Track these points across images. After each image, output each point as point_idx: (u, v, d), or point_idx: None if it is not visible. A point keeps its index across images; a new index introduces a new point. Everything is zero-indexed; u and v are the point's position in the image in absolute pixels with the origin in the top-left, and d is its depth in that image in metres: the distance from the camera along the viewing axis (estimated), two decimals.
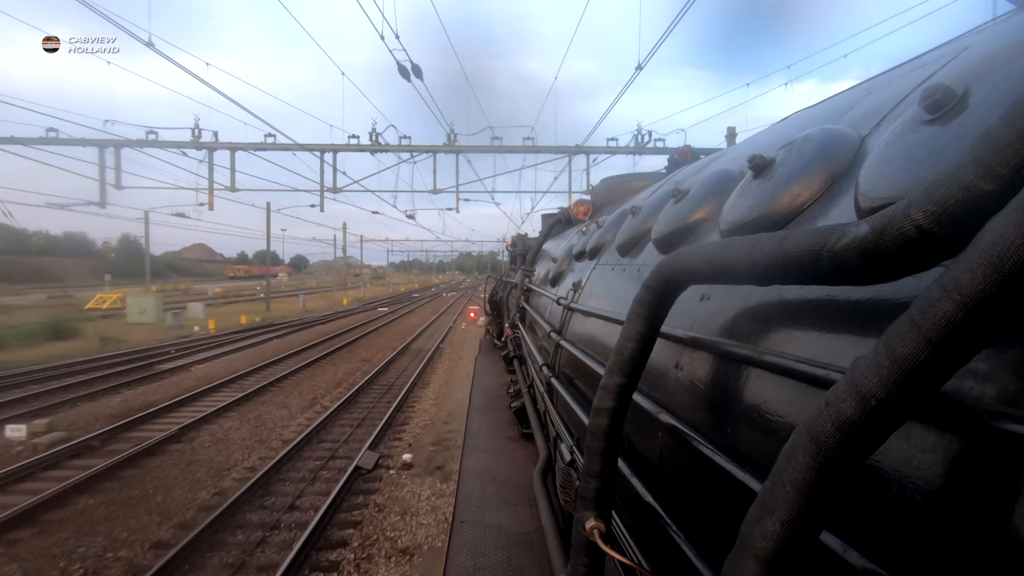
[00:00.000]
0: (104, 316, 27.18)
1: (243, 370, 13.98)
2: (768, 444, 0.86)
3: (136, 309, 25.92)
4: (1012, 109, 0.45)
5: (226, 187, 18.65)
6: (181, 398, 11.12)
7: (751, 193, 1.21)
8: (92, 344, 18.62)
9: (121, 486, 7.08)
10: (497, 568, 2.52)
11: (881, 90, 1.25)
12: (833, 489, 0.52)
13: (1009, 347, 0.53)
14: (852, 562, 0.63)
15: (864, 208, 0.81)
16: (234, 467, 7.91)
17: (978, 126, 0.65)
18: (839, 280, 0.62)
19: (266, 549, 5.59)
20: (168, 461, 8.02)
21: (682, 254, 0.94)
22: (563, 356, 2.73)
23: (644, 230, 2.07)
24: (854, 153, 1.03)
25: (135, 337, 20.50)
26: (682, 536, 1.08)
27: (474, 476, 3.67)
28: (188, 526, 5.94)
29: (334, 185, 18.83)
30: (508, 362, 6.78)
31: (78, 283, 44.00)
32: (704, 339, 1.15)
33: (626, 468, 1.42)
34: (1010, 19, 1.05)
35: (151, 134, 16.77)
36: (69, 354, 16.29)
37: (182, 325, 24.25)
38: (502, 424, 4.95)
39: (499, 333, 9.26)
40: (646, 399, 1.37)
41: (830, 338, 0.80)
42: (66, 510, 6.35)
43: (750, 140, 2.18)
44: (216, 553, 5.47)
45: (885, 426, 0.49)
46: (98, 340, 19.12)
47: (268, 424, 9.91)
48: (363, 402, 11.50)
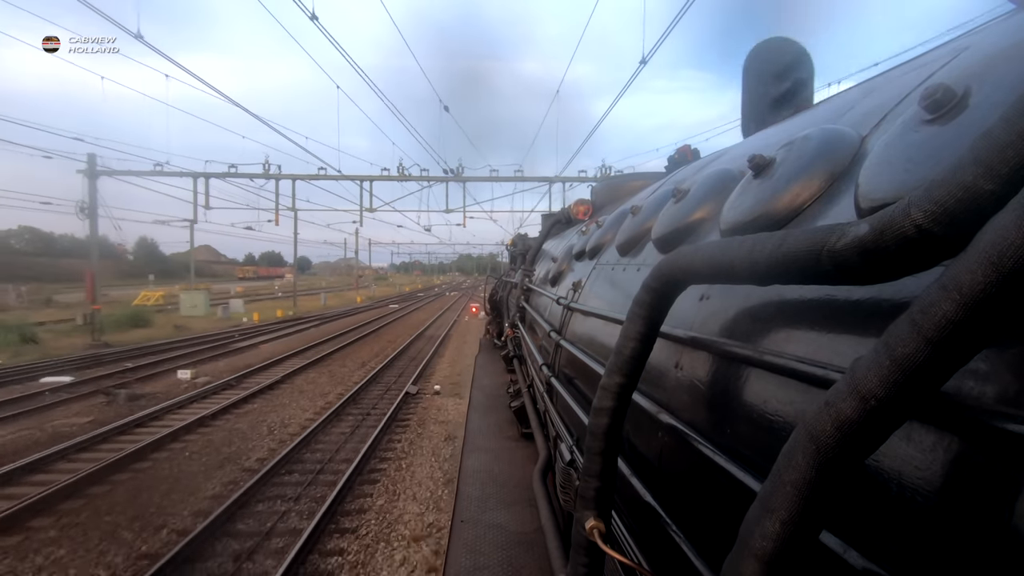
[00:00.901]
0: (158, 310, 31.27)
1: (299, 348, 18.15)
2: (768, 444, 0.86)
3: (189, 304, 30.64)
4: (1012, 109, 0.45)
5: (287, 208, 23.69)
6: (267, 362, 15.33)
7: (751, 193, 1.21)
8: (167, 331, 22.94)
9: (262, 404, 11.34)
10: (497, 568, 2.52)
11: (881, 90, 1.25)
12: (833, 489, 0.52)
13: (1009, 347, 0.53)
14: (852, 562, 0.63)
15: (864, 208, 0.81)
16: (328, 394, 12.25)
17: (978, 126, 0.65)
18: (839, 280, 0.62)
19: (364, 426, 9.88)
20: (284, 392, 12.47)
21: (682, 254, 0.94)
22: (563, 356, 2.73)
23: (644, 230, 2.07)
24: (854, 153, 1.03)
25: (198, 326, 24.88)
26: (682, 536, 1.08)
27: (474, 476, 3.67)
28: (316, 418, 10.14)
29: (371, 206, 23.44)
30: (508, 362, 6.78)
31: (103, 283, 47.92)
32: (704, 339, 1.15)
33: (626, 468, 1.42)
34: (1010, 19, 1.05)
35: (232, 167, 21.98)
36: (155, 337, 20.69)
37: (230, 317, 29.16)
38: (502, 424, 4.95)
39: (499, 333, 9.27)
40: (646, 399, 1.37)
41: (830, 338, 0.80)
42: (239, 411, 10.78)
43: (750, 140, 2.18)
44: (338, 426, 9.99)
45: (885, 426, 0.49)
46: (172, 327, 23.79)
47: (338, 376, 14.31)
48: (398, 365, 15.93)
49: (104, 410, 10.62)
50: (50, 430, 9.27)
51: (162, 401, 10.96)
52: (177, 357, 16.17)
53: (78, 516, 6.29)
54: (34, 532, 5.93)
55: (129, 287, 45.99)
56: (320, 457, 8.24)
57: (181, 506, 6.58)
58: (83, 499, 6.69)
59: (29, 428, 9.35)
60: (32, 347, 18.02)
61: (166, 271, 73.40)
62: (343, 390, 12.39)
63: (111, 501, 6.69)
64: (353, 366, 15.62)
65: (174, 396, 11.33)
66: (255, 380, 13.22)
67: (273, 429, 9.66)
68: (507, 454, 4.12)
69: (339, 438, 9.17)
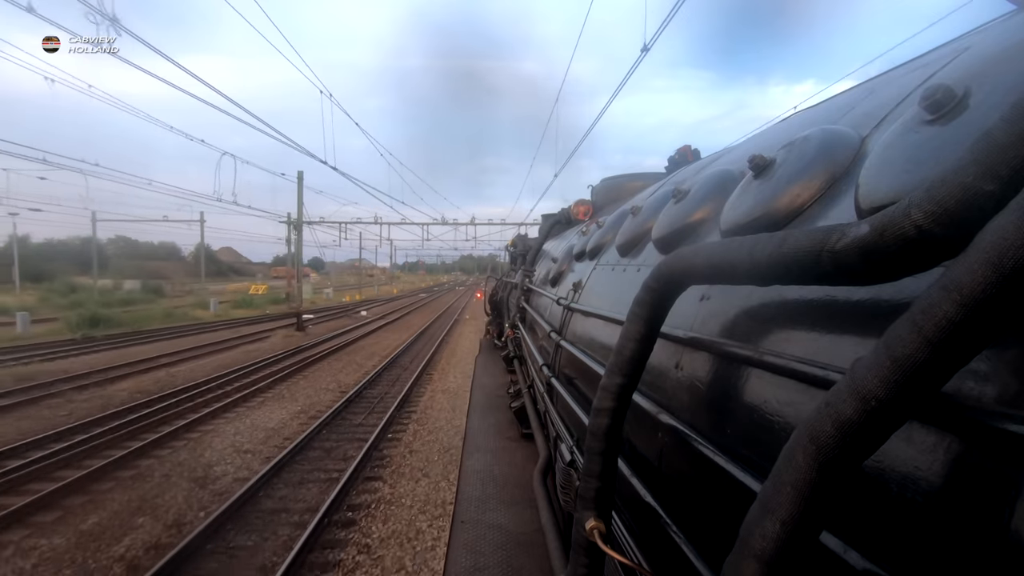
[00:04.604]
0: None
1: (384, 314, 32.84)
2: (768, 444, 0.86)
3: (305, 291, 43.12)
4: (1012, 110, 0.45)
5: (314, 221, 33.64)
6: (383, 317, 30.67)
7: (751, 193, 1.21)
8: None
9: (397, 325, 27.18)
10: (497, 568, 2.52)
11: (881, 90, 1.25)
12: (833, 489, 0.52)
13: (1009, 347, 0.53)
14: (852, 562, 0.63)
15: (864, 208, 0.81)
16: (416, 327, 25.95)
17: (978, 126, 0.65)
18: (839, 280, 0.62)
19: (420, 356, 16.99)
20: (397, 325, 27.55)
21: (682, 254, 0.94)
22: (563, 356, 2.73)
23: (644, 230, 2.07)
24: (854, 153, 1.03)
25: (320, 302, 42.18)
26: (682, 536, 1.08)
27: (474, 476, 3.67)
28: (407, 338, 21.18)
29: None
30: (508, 362, 6.77)
31: (180, 281, 58.93)
32: (704, 339, 1.15)
33: (626, 468, 1.42)
34: (1010, 19, 1.05)
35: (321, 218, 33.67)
36: (295, 311, 29.56)
37: (330, 299, 46.49)
38: (502, 424, 4.95)
39: (499, 333, 9.25)
40: (646, 399, 1.37)
41: (830, 338, 0.80)
42: (380, 332, 24.48)
43: (750, 140, 2.18)
44: (424, 336, 22.77)
45: (885, 426, 0.49)
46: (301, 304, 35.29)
47: (414, 323, 28.38)
48: (447, 313, 34.84)
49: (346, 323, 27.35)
50: None
51: (350, 327, 25.23)
52: (336, 315, 32.13)
53: (327, 365, 15.80)
54: (310, 366, 15.38)
55: (194, 283, 55.95)
56: (419, 349, 19.07)
57: (369, 362, 16.12)
58: (327, 360, 16.64)
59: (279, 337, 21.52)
60: (249, 307, 34.86)
61: (216, 271, 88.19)
62: (420, 328, 25.17)
63: (346, 361, 16.41)
64: (417, 324, 27.71)
65: (358, 323, 27.27)
66: (393, 319, 29.72)
67: (398, 340, 20.67)
68: (507, 454, 4.12)
69: (429, 340, 21.21)
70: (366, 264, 72.41)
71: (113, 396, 11.21)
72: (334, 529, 5.96)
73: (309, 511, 6.23)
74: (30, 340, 18.30)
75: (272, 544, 5.55)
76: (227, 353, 17.27)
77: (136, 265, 63.60)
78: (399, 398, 11.26)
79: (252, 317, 29.61)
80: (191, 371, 13.97)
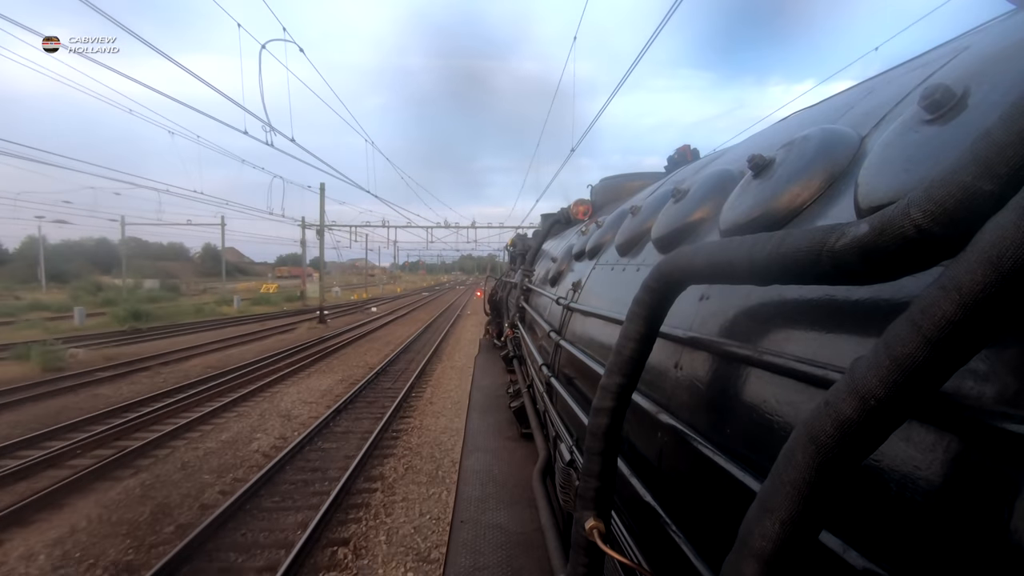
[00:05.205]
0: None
1: (392, 311, 34.72)
2: (768, 444, 0.86)
3: (311, 290, 44.57)
4: (1011, 109, 0.45)
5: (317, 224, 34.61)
6: (392, 313, 33.56)
7: (751, 193, 1.21)
8: (314, 301, 36.40)
9: (406, 319, 30.47)
10: (496, 568, 2.52)
11: (881, 90, 1.25)
12: (833, 489, 0.52)
13: (1008, 347, 0.53)
14: (852, 562, 0.63)
15: (864, 208, 0.81)
16: (423, 321, 28.96)
17: (978, 126, 0.65)
18: (839, 280, 0.62)
19: (430, 343, 19.75)
20: (408, 317, 31.91)
21: (682, 254, 0.94)
22: (563, 356, 2.73)
23: (644, 230, 2.07)
24: (854, 153, 1.03)
25: (330, 300, 41.40)
26: (682, 536, 1.08)
27: (474, 476, 3.67)
28: (416, 330, 24.28)
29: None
30: (508, 362, 6.77)
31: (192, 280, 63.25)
32: (704, 339, 1.15)
33: (626, 468, 1.42)
34: (1010, 19, 1.05)
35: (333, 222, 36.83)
36: (308, 307, 34.02)
37: (339, 297, 48.31)
38: (502, 424, 4.95)
39: (499, 333, 9.25)
40: (646, 399, 1.37)
41: (830, 338, 0.80)
42: (399, 320, 30.11)
43: (750, 140, 2.18)
44: (431, 329, 25.25)
45: (885, 426, 0.49)
46: (313, 301, 37.67)
47: (421, 317, 31.50)
48: (450, 310, 37.01)
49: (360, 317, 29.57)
50: None
51: (364, 320, 27.56)
52: (348, 311, 34.89)
53: (352, 350, 18.73)
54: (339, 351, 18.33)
55: (205, 283, 60.46)
56: (428, 337, 21.26)
57: (387, 348, 18.60)
58: (351, 346, 19.42)
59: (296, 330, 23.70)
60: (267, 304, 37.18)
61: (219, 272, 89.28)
62: (429, 320, 28.71)
63: (367, 347, 19.10)
64: (423, 318, 30.64)
65: (370, 317, 29.72)
66: (401, 314, 32.09)
67: (409, 331, 23.02)
68: (507, 454, 4.12)
69: (436, 331, 23.47)
70: (368, 264, 73.47)
71: (189, 371, 14.03)
72: (387, 439, 9.14)
73: (366, 433, 9.27)
74: (90, 331, 21.15)
75: (348, 446, 8.72)
76: (264, 341, 20.41)
77: (149, 265, 66.18)
78: (417, 372, 14.25)
79: (272, 313, 33.22)
80: (241, 354, 16.88)
